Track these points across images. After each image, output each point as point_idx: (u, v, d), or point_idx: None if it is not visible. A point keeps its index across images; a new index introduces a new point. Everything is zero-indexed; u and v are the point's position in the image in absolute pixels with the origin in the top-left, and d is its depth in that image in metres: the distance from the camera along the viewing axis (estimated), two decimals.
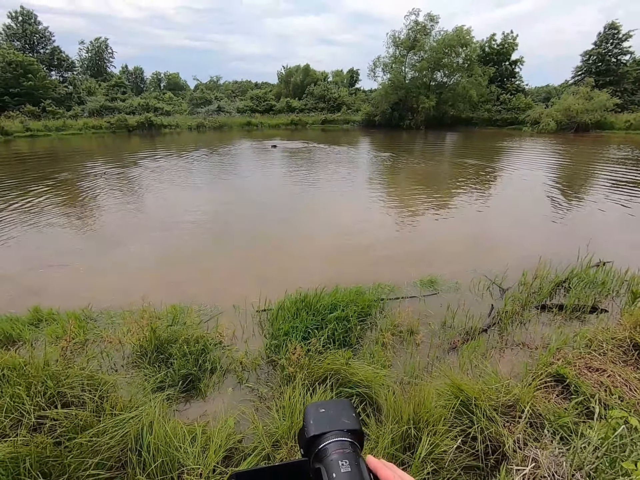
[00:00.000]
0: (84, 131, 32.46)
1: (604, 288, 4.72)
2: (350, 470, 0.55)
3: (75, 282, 5.39)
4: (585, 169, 15.47)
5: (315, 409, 0.67)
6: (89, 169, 15.16)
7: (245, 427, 2.68)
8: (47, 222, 8.29)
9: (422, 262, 5.98)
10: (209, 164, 16.90)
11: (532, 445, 2.31)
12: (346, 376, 2.85)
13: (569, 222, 8.38)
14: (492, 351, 3.65)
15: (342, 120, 44.16)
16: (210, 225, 8.03)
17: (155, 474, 2.08)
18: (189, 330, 3.71)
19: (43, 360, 2.84)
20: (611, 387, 2.93)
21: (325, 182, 12.77)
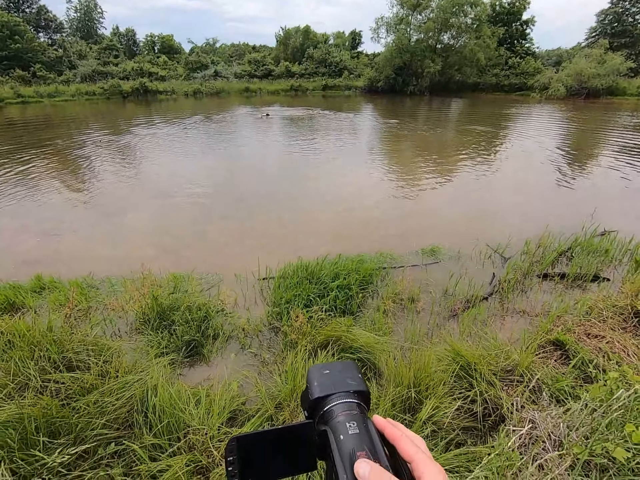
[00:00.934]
0: (77, 97, 31.46)
1: (607, 257, 4.69)
2: (359, 431, 0.52)
3: (74, 251, 5.38)
4: (594, 137, 15.05)
5: (319, 370, 0.63)
6: (84, 137, 14.80)
7: (249, 390, 2.74)
8: (42, 190, 8.17)
9: (425, 231, 5.93)
10: (206, 132, 16.46)
11: (530, 407, 2.35)
12: (347, 342, 2.88)
13: (575, 191, 8.24)
14: (493, 318, 3.67)
15: (343, 86, 42.57)
16: (209, 195, 7.91)
17: (162, 434, 2.13)
18: (190, 298, 3.72)
19: (47, 326, 2.87)
20: (609, 352, 2.96)
21: (326, 150, 12.47)
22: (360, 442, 0.51)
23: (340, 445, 0.51)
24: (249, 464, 0.54)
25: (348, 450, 0.50)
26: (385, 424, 0.56)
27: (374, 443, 0.51)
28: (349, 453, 0.50)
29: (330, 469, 0.52)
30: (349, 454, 0.49)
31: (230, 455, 0.54)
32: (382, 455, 0.50)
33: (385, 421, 0.57)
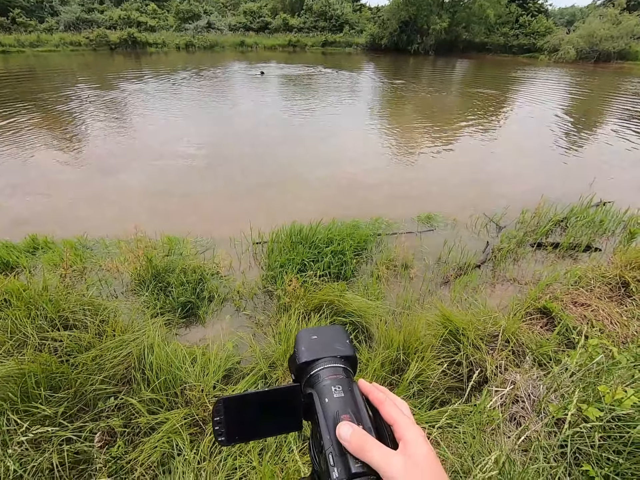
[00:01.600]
0: (61, 47, 29.63)
1: (601, 227, 4.72)
2: (344, 395, 0.53)
3: (65, 211, 5.30)
4: (601, 104, 14.62)
5: (307, 335, 0.64)
6: (70, 91, 14.10)
7: (243, 350, 2.82)
8: (29, 147, 7.89)
9: (422, 198, 5.88)
10: (200, 89, 15.74)
11: (513, 370, 2.46)
12: (340, 306, 2.94)
13: (577, 160, 8.12)
14: (484, 286, 3.75)
15: (344, 42, 40.33)
16: (202, 156, 7.71)
17: (159, 390, 2.22)
18: (185, 261, 3.74)
19: (42, 286, 2.88)
20: (593, 320, 3.06)
21: (324, 112, 12.04)
22: (344, 405, 0.52)
23: (325, 408, 0.52)
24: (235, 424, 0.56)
25: (332, 413, 0.51)
26: (370, 388, 0.57)
27: (358, 406, 0.53)
28: (333, 416, 0.51)
29: (315, 430, 0.53)
30: (333, 416, 0.51)
31: (217, 416, 0.55)
32: (365, 418, 0.51)
33: (370, 385, 0.58)
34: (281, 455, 1.94)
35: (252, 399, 0.57)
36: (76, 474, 1.88)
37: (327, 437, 0.49)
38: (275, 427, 0.59)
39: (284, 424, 0.58)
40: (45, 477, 1.80)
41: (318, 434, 0.51)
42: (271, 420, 0.57)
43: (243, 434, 0.56)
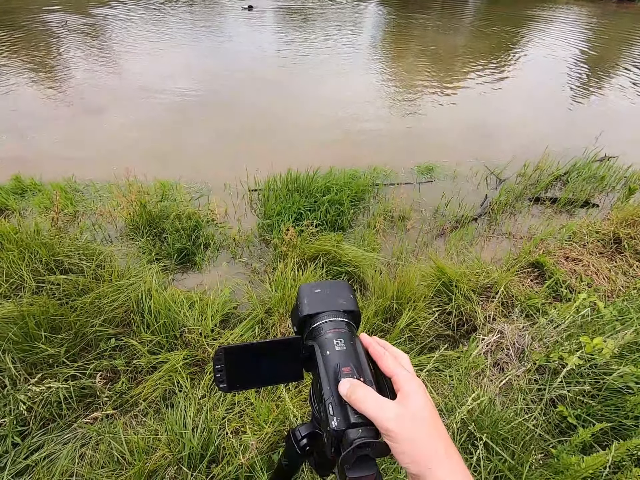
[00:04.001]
0: None
1: (601, 183, 4.66)
2: (345, 348, 0.53)
3: (50, 151, 5.05)
4: (619, 50, 13.71)
5: (310, 289, 0.63)
6: (45, 16, 12.78)
7: (240, 296, 2.88)
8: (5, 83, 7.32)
9: (423, 148, 5.68)
10: (190, 18, 14.37)
11: (501, 320, 2.56)
12: (336, 256, 2.96)
13: (586, 111, 7.79)
14: (479, 239, 3.77)
15: None
16: (193, 95, 7.23)
17: (159, 332, 2.29)
18: (179, 207, 3.67)
19: (34, 229, 2.84)
20: (582, 274, 3.13)
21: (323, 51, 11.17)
22: (346, 358, 0.52)
23: (326, 360, 0.52)
24: (236, 372, 0.56)
25: (333, 365, 0.51)
26: (370, 341, 0.57)
27: (359, 359, 0.53)
28: (334, 367, 0.51)
29: (316, 381, 0.54)
30: (334, 368, 0.51)
31: (218, 364, 0.55)
32: (366, 371, 0.52)
33: (371, 339, 0.58)
34: (277, 392, 2.06)
35: (253, 349, 0.57)
36: (83, 406, 1.99)
37: (327, 388, 0.50)
38: (276, 376, 0.59)
39: (284, 373, 0.59)
40: (55, 408, 1.91)
41: (319, 384, 0.52)
42: (272, 369, 0.58)
43: (244, 381, 0.57)
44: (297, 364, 0.58)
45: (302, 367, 0.58)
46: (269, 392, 2.04)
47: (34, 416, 1.85)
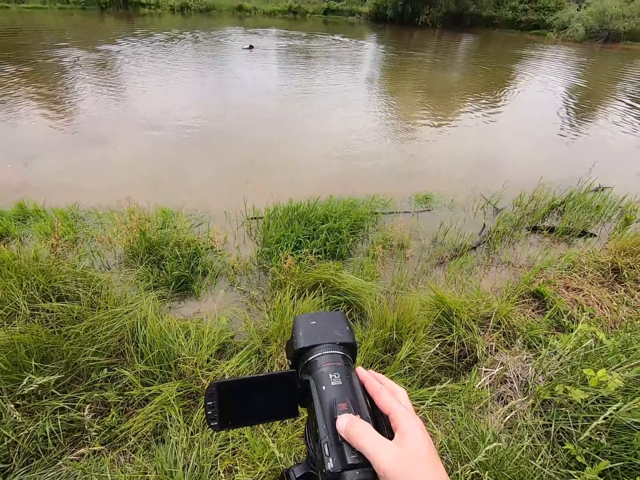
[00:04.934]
0: (48, 5, 28.00)
1: (597, 213, 4.72)
2: (342, 383, 0.52)
3: (56, 180, 5.15)
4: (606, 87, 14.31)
5: (305, 320, 0.62)
6: (59, 51, 13.42)
7: (238, 325, 2.83)
8: (14, 111, 7.58)
9: (420, 177, 5.80)
10: (196, 55, 15.09)
11: (503, 351, 2.51)
12: (335, 285, 2.94)
13: (578, 143, 8.02)
14: (478, 268, 3.76)
15: (347, 11, 38.54)
16: (196, 127, 7.47)
17: (153, 362, 2.23)
18: (179, 234, 3.69)
19: (33, 256, 2.83)
20: (584, 304, 3.10)
21: (323, 84, 11.66)
22: (342, 393, 0.50)
23: (322, 396, 0.51)
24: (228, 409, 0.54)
25: (329, 401, 0.50)
26: (367, 376, 0.56)
27: (356, 395, 0.51)
28: (330, 404, 0.49)
29: (312, 418, 0.52)
30: (330, 404, 0.49)
31: (209, 400, 0.53)
32: (363, 407, 0.50)
33: (368, 373, 0.57)
34: (273, 427, 1.98)
35: (247, 384, 0.55)
36: (70, 441, 1.91)
37: (323, 426, 0.48)
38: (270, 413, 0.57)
39: (279, 410, 0.57)
40: (40, 444, 1.82)
41: (314, 422, 0.50)
42: (266, 405, 0.56)
43: (237, 419, 0.55)
44: (292, 399, 0.56)
45: (297, 402, 0.56)
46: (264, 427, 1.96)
47: (17, 452, 1.76)
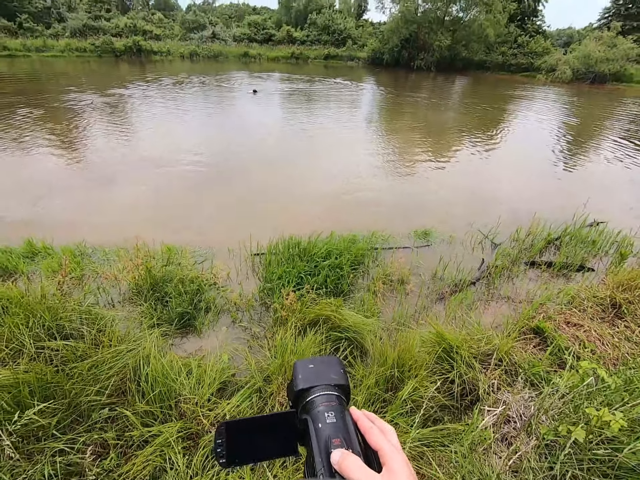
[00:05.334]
0: (66, 53, 29.98)
1: (594, 247, 4.79)
2: (336, 421, 0.58)
3: (65, 217, 5.33)
4: (596, 125, 14.90)
5: (304, 364, 0.69)
6: (74, 95, 14.23)
7: (239, 362, 2.83)
8: (30, 151, 7.96)
9: (418, 213, 5.96)
10: (203, 98, 15.94)
11: (505, 389, 2.49)
12: (336, 322, 2.97)
13: (571, 179, 8.26)
14: (478, 303, 3.78)
15: (346, 56, 41.04)
16: (202, 166, 7.78)
17: (154, 402, 2.22)
18: (183, 271, 3.76)
19: (40, 293, 2.89)
20: (585, 341, 3.10)
21: (324, 125, 12.21)
22: (336, 430, 0.56)
23: (318, 433, 0.57)
24: (236, 447, 0.59)
25: (325, 438, 0.56)
26: (359, 416, 0.61)
27: (349, 432, 0.57)
28: (325, 440, 0.55)
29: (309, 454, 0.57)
30: (325, 440, 0.55)
31: (219, 438, 0.59)
32: (355, 443, 0.56)
33: (360, 413, 0.63)
34: (274, 470, 1.95)
35: (253, 423, 0.61)
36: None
37: (319, 459, 0.54)
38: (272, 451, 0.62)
39: (281, 448, 0.62)
40: None
41: (312, 458, 0.55)
42: (269, 444, 0.61)
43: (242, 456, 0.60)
44: (292, 438, 0.61)
45: (297, 441, 0.62)
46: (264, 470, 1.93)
47: None
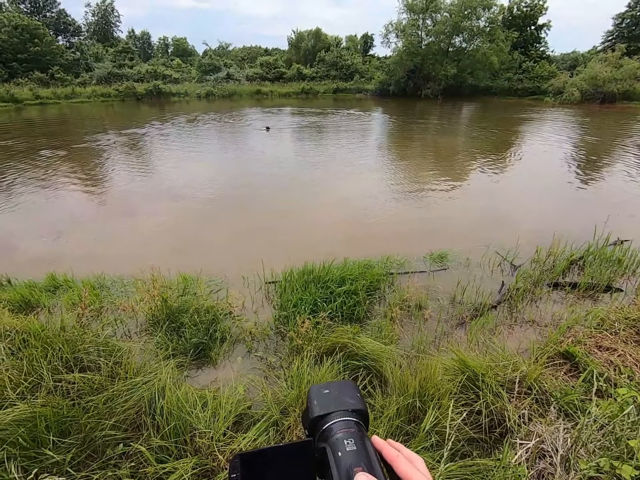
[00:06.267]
0: (92, 99, 32.18)
1: (620, 267, 4.60)
2: (356, 448, 0.54)
3: (86, 250, 5.50)
4: (609, 143, 14.76)
5: (319, 390, 0.66)
6: (98, 136, 15.10)
7: (255, 394, 2.76)
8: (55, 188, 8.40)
9: (434, 237, 5.89)
10: (218, 134, 16.65)
11: (537, 420, 2.32)
12: (353, 349, 2.88)
13: (589, 198, 8.10)
14: (501, 328, 3.63)
15: (354, 89, 42.66)
16: (218, 197, 8.00)
17: (169, 436, 2.17)
18: (199, 301, 3.77)
19: (60, 326, 2.94)
20: (621, 366, 2.90)
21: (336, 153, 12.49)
22: (357, 458, 0.53)
23: (338, 462, 0.53)
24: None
25: (346, 466, 0.52)
26: (383, 445, 0.58)
27: (370, 459, 0.53)
28: (347, 469, 0.52)
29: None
30: (347, 469, 0.52)
31: (233, 472, 0.56)
32: (378, 472, 0.52)
33: (384, 442, 0.59)
34: None
35: (268, 454, 0.58)
36: None
37: None
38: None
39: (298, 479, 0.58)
40: None
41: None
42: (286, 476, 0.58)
43: None
44: (310, 469, 0.58)
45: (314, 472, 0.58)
46: None
47: None
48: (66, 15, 45.39)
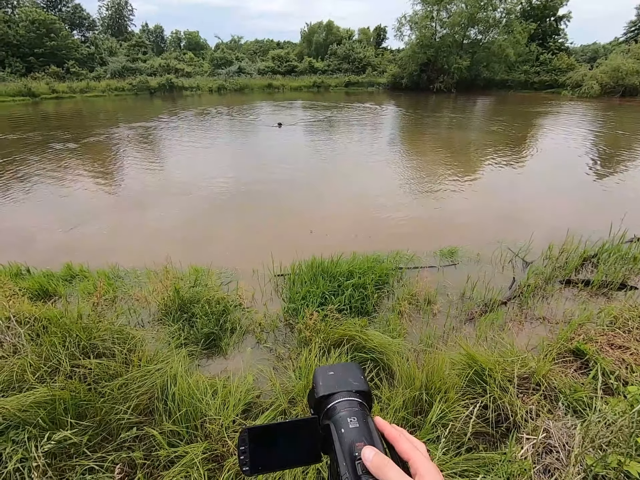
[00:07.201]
0: (106, 93, 32.65)
1: (635, 265, 4.50)
2: (359, 425, 0.57)
3: (100, 242, 5.63)
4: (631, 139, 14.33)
5: (324, 371, 0.68)
6: (112, 130, 15.33)
7: (264, 384, 2.81)
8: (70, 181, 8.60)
9: (444, 232, 5.85)
10: (230, 128, 16.73)
11: (545, 416, 2.32)
12: (361, 342, 2.91)
13: (606, 195, 7.91)
14: (511, 324, 3.61)
15: (366, 82, 42.24)
16: (230, 191, 8.07)
17: (180, 422, 2.23)
18: (210, 292, 3.84)
19: (76, 314, 3.04)
20: (633, 364, 2.86)
21: (347, 147, 12.44)
22: (359, 434, 0.56)
23: (341, 437, 0.56)
24: (259, 454, 0.59)
25: (348, 442, 0.55)
26: (385, 424, 0.60)
27: (372, 436, 0.56)
28: (349, 444, 0.54)
29: (333, 460, 0.56)
30: (349, 444, 0.54)
31: (242, 445, 0.59)
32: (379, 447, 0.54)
33: (386, 422, 0.61)
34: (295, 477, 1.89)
35: (275, 429, 0.61)
36: None
37: (343, 463, 0.53)
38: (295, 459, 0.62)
39: (303, 455, 0.61)
40: None
41: (335, 463, 0.54)
42: (292, 451, 0.61)
43: (266, 464, 0.60)
44: (315, 445, 0.60)
45: (319, 448, 0.61)
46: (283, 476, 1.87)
47: None
48: (81, 9, 45.97)
